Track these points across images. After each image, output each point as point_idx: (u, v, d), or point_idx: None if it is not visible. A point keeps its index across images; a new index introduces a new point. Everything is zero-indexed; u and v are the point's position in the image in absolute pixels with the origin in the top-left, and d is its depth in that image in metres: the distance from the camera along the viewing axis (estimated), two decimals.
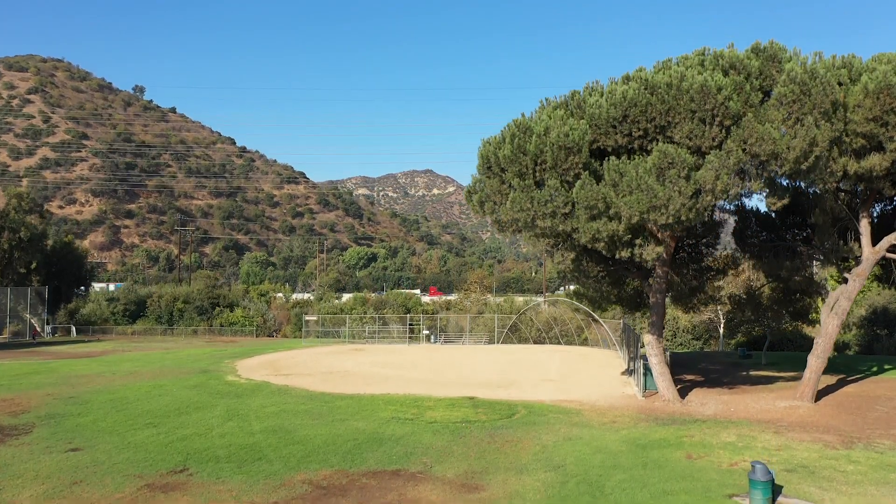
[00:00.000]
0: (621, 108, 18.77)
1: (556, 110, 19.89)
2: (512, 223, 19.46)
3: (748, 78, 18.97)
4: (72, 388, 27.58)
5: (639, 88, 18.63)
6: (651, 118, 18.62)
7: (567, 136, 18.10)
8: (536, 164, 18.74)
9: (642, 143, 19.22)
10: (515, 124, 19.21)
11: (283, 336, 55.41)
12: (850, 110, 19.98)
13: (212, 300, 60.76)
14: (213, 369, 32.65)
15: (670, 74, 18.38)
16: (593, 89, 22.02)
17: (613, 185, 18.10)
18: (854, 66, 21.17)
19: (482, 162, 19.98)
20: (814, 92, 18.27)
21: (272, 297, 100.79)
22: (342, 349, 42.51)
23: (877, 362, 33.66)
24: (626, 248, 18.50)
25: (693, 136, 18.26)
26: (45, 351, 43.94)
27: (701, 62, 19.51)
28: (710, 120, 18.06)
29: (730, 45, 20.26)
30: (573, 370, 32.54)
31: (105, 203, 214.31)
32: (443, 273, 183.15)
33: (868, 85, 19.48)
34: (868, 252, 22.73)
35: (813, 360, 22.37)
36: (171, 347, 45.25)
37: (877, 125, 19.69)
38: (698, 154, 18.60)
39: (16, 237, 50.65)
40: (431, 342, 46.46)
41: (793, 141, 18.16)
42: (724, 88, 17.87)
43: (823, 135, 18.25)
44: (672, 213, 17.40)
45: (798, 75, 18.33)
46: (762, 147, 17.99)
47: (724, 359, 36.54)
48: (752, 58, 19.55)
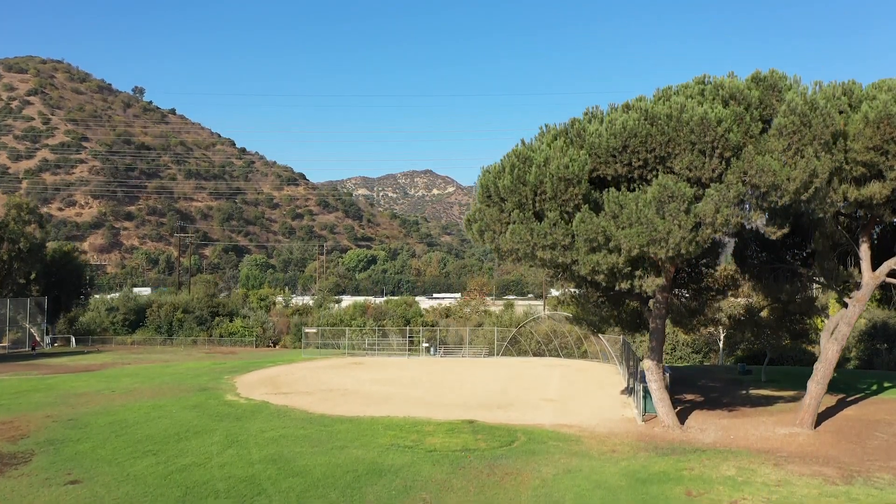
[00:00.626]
0: (621, 139, 18.75)
1: (556, 140, 19.87)
2: (511, 253, 19.47)
3: (748, 108, 18.97)
4: (71, 408, 27.55)
5: (639, 119, 18.61)
6: (651, 149, 18.61)
7: (567, 168, 18.09)
8: (536, 195, 18.73)
9: (642, 173, 19.20)
10: (515, 154, 19.19)
11: (283, 346, 55.41)
12: (850, 139, 19.99)
13: (211, 309, 60.74)
14: (213, 387, 32.62)
15: (670, 105, 18.36)
16: (593, 115, 22.02)
17: (613, 217, 18.09)
18: (854, 93, 21.19)
19: (482, 191, 19.96)
20: (814, 123, 18.27)
21: (272, 301, 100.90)
22: (342, 363, 42.48)
23: (877, 379, 33.67)
24: (626, 280, 18.49)
25: (693, 167, 18.25)
26: (44, 364, 43.92)
27: (701, 91, 19.51)
28: (710, 152, 18.05)
29: (730, 74, 20.26)
30: (573, 388, 32.53)
31: (105, 205, 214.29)
32: (442, 276, 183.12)
33: (868, 114, 19.48)
34: (868, 277, 22.72)
35: (813, 387, 22.36)
36: (171, 360, 45.22)
37: (877, 154, 19.71)
38: (698, 185, 18.60)
39: (15, 248, 50.63)
40: (431, 354, 46.45)
41: (793, 172, 18.15)
42: (724, 120, 17.86)
43: (824, 166, 18.25)
44: (672, 247, 17.38)
45: (798, 106, 18.32)
46: (762, 179, 17.98)
47: (723, 374, 36.54)
48: (752, 87, 19.56)
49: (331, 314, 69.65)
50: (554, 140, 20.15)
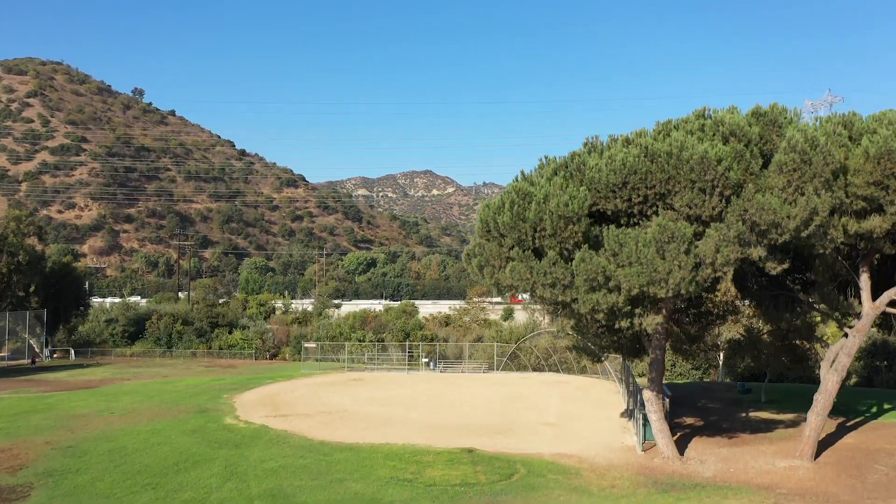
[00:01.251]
0: (621, 175, 18.73)
1: (556, 173, 19.85)
2: (511, 288, 19.45)
3: (748, 145, 18.96)
4: (70, 432, 27.52)
5: (639, 155, 18.59)
6: (651, 186, 18.59)
7: (567, 206, 18.06)
8: (536, 231, 18.70)
9: (642, 209, 19.18)
10: (514, 190, 19.15)
11: (283, 359, 55.37)
12: (850, 173, 19.94)
13: (211, 319, 60.70)
14: (212, 408, 32.58)
15: (670, 143, 18.34)
16: (593, 147, 22.01)
17: (613, 255, 18.06)
18: (854, 125, 21.15)
19: (481, 226, 19.93)
20: (814, 161, 18.25)
21: (272, 306, 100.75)
22: (341, 379, 42.44)
23: (877, 399, 33.61)
24: (626, 319, 18.46)
25: (693, 205, 18.23)
26: (43, 379, 43.88)
27: (701, 127, 19.48)
28: (710, 190, 18.03)
29: (731, 109, 20.25)
30: (572, 410, 32.49)
31: (104, 208, 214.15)
32: (442, 279, 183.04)
33: (869, 149, 19.44)
34: (868, 307, 22.68)
35: (813, 418, 22.33)
36: (170, 375, 45.17)
37: (878, 189, 19.66)
38: (698, 222, 18.58)
39: (14, 260, 50.57)
40: (431, 369, 46.42)
41: (793, 210, 18.13)
42: (725, 159, 17.83)
43: (824, 204, 18.22)
44: (672, 287, 17.36)
45: (798, 144, 18.30)
46: (762, 217, 17.94)
47: (723, 393, 36.49)
48: (752, 123, 19.55)
49: (330, 324, 69.59)
50: (554, 174, 20.13)
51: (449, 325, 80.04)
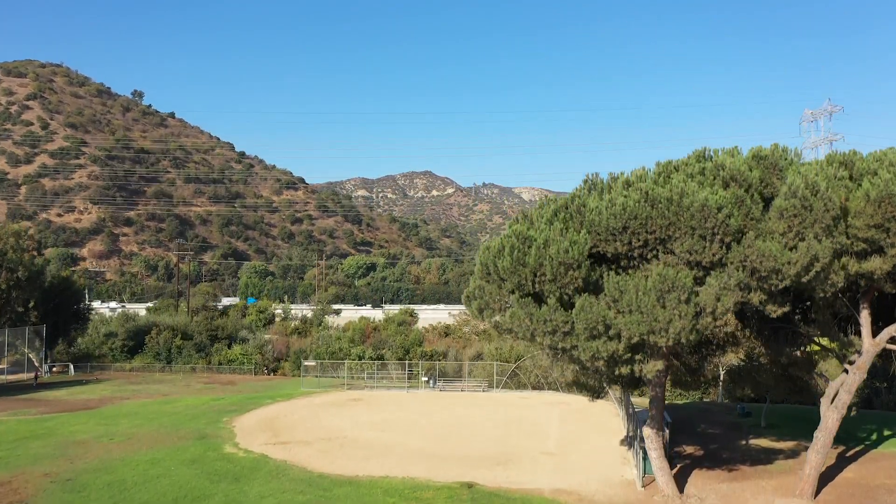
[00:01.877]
0: (621, 220, 18.69)
1: (557, 215, 19.79)
2: (511, 332, 19.40)
3: (748, 190, 18.93)
4: (69, 462, 27.48)
5: (639, 200, 18.54)
6: (651, 231, 18.55)
7: (567, 253, 18.02)
8: (536, 277, 18.65)
9: (643, 252, 19.14)
10: (514, 234, 19.10)
11: (282, 374, 55.31)
12: (851, 214, 19.92)
13: (210, 332, 60.65)
14: (211, 433, 32.51)
15: (671, 188, 18.30)
16: (593, 185, 21.99)
17: (613, 301, 18.03)
18: (855, 165, 21.13)
19: (481, 268, 19.89)
20: (815, 207, 18.22)
21: (271, 313, 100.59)
22: (341, 398, 42.38)
23: (877, 424, 33.59)
24: (626, 366, 18.43)
25: (694, 251, 18.19)
26: (43, 398, 43.80)
27: (701, 171, 19.44)
28: (710, 237, 17.99)
29: (731, 152, 20.23)
30: (572, 435, 32.46)
31: (104, 211, 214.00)
32: (442, 283, 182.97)
33: (870, 192, 19.41)
34: (868, 344, 22.65)
35: (812, 456, 22.29)
36: (170, 394, 45.10)
37: (878, 231, 19.63)
38: (698, 267, 18.54)
39: (14, 276, 50.51)
40: (431, 387, 46.37)
41: (793, 256, 18.10)
42: (725, 207, 17.80)
43: (825, 250, 18.19)
44: (673, 336, 17.33)
45: (799, 189, 18.27)
46: (763, 264, 17.93)
47: (723, 416, 36.47)
48: (753, 167, 19.52)
49: (329, 336, 69.48)
50: (554, 216, 20.09)
51: (449, 335, 79.98)
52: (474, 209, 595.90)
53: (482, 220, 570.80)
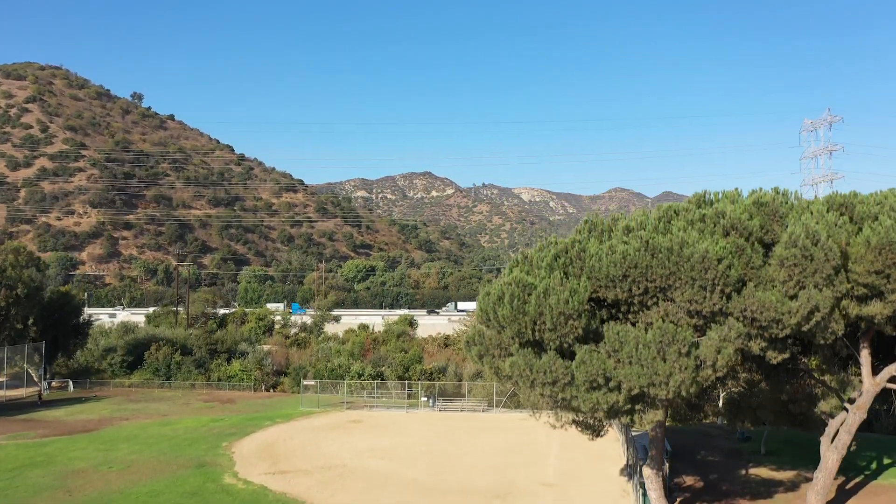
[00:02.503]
0: (622, 268, 18.62)
1: (556, 263, 19.71)
2: (511, 379, 19.35)
3: (749, 238, 18.90)
4: (69, 495, 27.43)
5: (640, 249, 18.48)
6: (652, 280, 18.48)
7: (567, 304, 17.95)
8: (535, 325, 18.57)
9: (643, 300, 19.08)
10: (514, 281, 19.02)
11: (282, 391, 55.22)
12: (852, 260, 19.86)
13: (210, 346, 60.55)
14: (211, 461, 32.44)
15: (671, 238, 18.24)
16: (593, 226, 21.96)
17: (614, 351, 17.98)
18: (856, 208, 21.10)
19: (481, 315, 19.82)
20: (816, 257, 18.17)
21: (271, 320, 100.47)
22: (340, 420, 42.31)
23: (877, 451, 33.55)
24: (626, 416, 18.38)
25: (694, 300, 18.13)
26: (42, 419, 43.71)
27: (702, 217, 19.39)
28: (710, 287, 17.92)
29: (732, 198, 20.20)
30: (571, 464, 32.42)
31: (103, 214, 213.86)
32: (441, 288, 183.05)
33: (870, 239, 19.35)
34: (868, 384, 22.62)
35: (812, 497, 22.27)
36: (169, 414, 44.99)
37: (879, 277, 19.56)
38: (699, 316, 18.50)
39: (13, 294, 50.42)
40: (430, 406, 46.29)
41: (794, 305, 18.07)
42: (725, 258, 17.75)
43: (825, 301, 18.16)
44: (673, 389, 17.29)
45: (800, 239, 18.22)
46: (763, 314, 17.90)
47: (723, 442, 36.42)
48: (753, 214, 19.48)
49: (328, 349, 69.42)
50: (554, 260, 20.02)
51: (448, 346, 79.91)
52: (474, 210, 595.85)
53: (482, 220, 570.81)
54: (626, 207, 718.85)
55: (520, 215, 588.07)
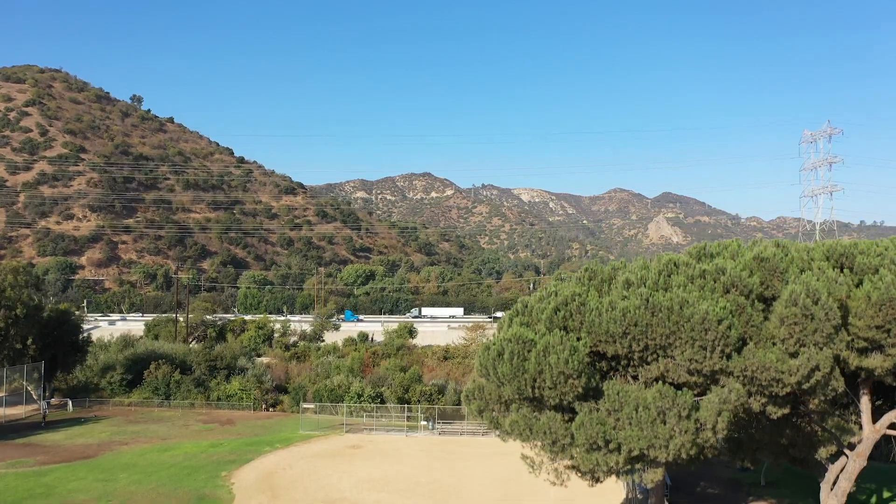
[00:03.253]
0: (622, 326, 18.62)
1: (556, 316, 19.68)
2: (510, 435, 19.34)
3: (749, 296, 18.87)
4: None
5: (640, 307, 18.47)
6: (652, 338, 18.48)
7: (567, 364, 17.93)
8: (535, 383, 18.57)
9: (643, 356, 19.07)
10: (514, 338, 19.00)
11: (282, 410, 55.13)
12: (852, 314, 19.85)
13: (209, 363, 60.43)
14: (210, 493, 32.42)
15: (671, 298, 18.22)
16: (593, 274, 21.93)
17: (614, 411, 17.97)
18: (856, 259, 21.06)
19: (481, 369, 19.80)
20: (816, 315, 18.17)
21: (270, 329, 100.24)
22: (340, 446, 42.26)
23: (877, 482, 33.54)
24: (626, 475, 18.34)
25: (694, 360, 18.13)
26: (41, 443, 43.60)
27: (702, 274, 19.36)
28: (711, 348, 17.92)
29: (732, 253, 20.14)
30: (572, 496, 32.36)
31: (103, 218, 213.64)
32: (440, 293, 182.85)
33: (871, 294, 19.35)
34: (868, 431, 22.61)
35: None
36: (168, 437, 44.88)
37: (879, 332, 19.58)
38: (699, 374, 18.49)
39: (12, 314, 50.36)
40: (430, 429, 46.25)
41: (794, 364, 18.07)
42: (725, 319, 17.73)
43: (826, 360, 18.15)
44: (673, 451, 17.27)
45: (801, 298, 18.21)
46: (764, 375, 17.90)
47: (722, 471, 36.37)
48: (754, 270, 19.47)
49: (328, 364, 69.32)
50: (554, 313, 19.99)
51: (448, 359, 79.85)
52: (473, 211, 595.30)
53: (481, 222, 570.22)
54: (625, 208, 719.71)
55: (519, 216, 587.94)
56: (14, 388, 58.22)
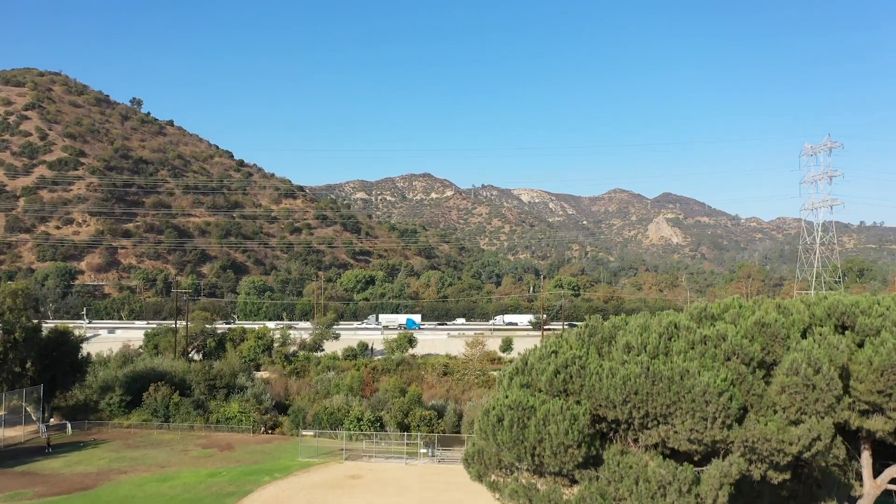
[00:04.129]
0: (622, 393, 18.50)
1: (556, 380, 19.56)
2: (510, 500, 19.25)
3: (750, 363, 18.77)
4: None
5: (640, 375, 18.34)
6: (653, 406, 18.36)
7: (567, 434, 17.84)
8: (535, 451, 18.46)
9: (644, 422, 18.95)
10: (513, 405, 18.88)
11: (281, 433, 55.03)
12: (853, 378, 19.75)
13: (209, 382, 60.36)
14: None
15: (672, 367, 18.12)
16: (594, 331, 21.83)
17: (614, 481, 17.87)
18: (858, 320, 20.95)
19: (480, 433, 19.69)
20: (818, 385, 18.06)
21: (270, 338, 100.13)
22: (339, 476, 42.16)
23: None
24: None
25: (695, 430, 18.01)
26: (41, 472, 43.50)
27: (703, 339, 19.23)
28: (711, 419, 17.80)
29: (733, 317, 20.04)
30: None
31: (102, 223, 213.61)
32: (440, 299, 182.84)
33: (873, 359, 19.23)
34: (869, 486, 22.50)
35: None
36: (168, 465, 44.76)
37: (881, 396, 19.47)
38: (699, 443, 18.39)
39: (10, 338, 50.30)
40: (430, 456, 46.20)
41: (795, 433, 17.96)
42: (726, 391, 17.62)
43: (827, 431, 18.05)
44: None
45: (802, 368, 18.11)
46: (765, 446, 17.79)
47: None
48: (755, 337, 19.37)
49: (327, 380, 69.31)
50: (554, 375, 19.87)
51: (447, 374, 79.91)
52: (473, 212, 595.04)
53: (481, 223, 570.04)
54: (625, 209, 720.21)
55: (519, 217, 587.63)
56: (13, 406, 58.10)
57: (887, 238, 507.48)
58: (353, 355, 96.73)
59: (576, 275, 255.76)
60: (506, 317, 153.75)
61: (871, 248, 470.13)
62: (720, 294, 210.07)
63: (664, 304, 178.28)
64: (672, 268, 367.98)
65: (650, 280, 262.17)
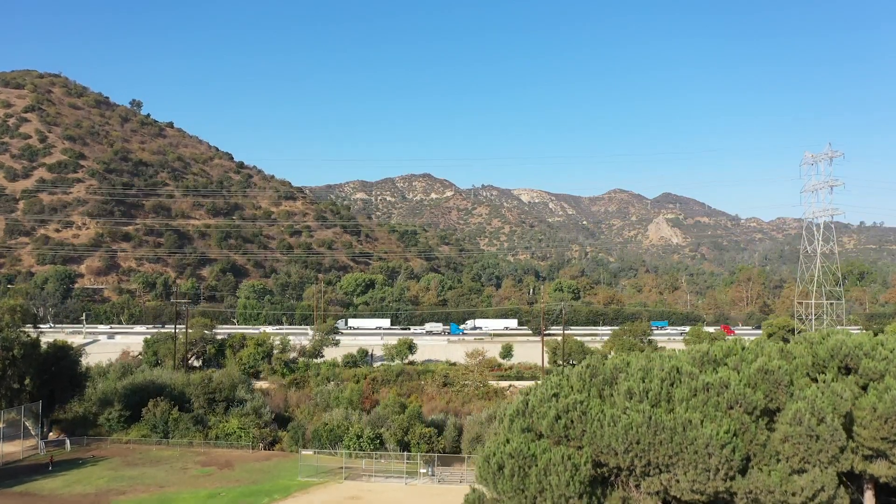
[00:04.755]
0: (623, 442, 18.38)
1: (558, 421, 19.40)
2: None
3: (752, 412, 18.62)
4: None
5: (642, 424, 18.23)
6: (655, 455, 18.23)
7: (567, 486, 17.69)
8: (536, 500, 18.31)
9: (646, 470, 18.83)
10: (514, 453, 18.73)
11: (280, 449, 54.82)
12: (857, 423, 19.64)
13: (208, 396, 60.11)
14: None
15: (674, 418, 17.98)
16: (595, 372, 21.66)
17: None
18: (861, 364, 20.80)
19: (481, 480, 19.54)
20: (821, 436, 17.94)
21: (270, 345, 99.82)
22: (339, 497, 41.96)
23: None
24: None
25: (697, 481, 17.89)
26: (39, 492, 43.29)
27: (705, 387, 19.08)
28: (714, 471, 17.68)
29: (735, 361, 19.86)
30: None
31: (102, 226, 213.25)
32: (440, 304, 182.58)
33: (877, 406, 19.14)
34: None
35: None
36: (166, 485, 44.51)
37: (885, 443, 19.38)
38: (701, 494, 18.23)
39: (9, 355, 50.11)
40: (430, 476, 46.01)
41: (798, 484, 17.83)
42: (729, 444, 17.47)
43: (831, 481, 17.93)
44: None
45: (805, 418, 17.97)
46: (768, 497, 17.65)
47: None
48: (758, 384, 19.21)
49: (327, 392, 69.08)
50: (556, 420, 19.73)
51: (447, 385, 79.69)
52: (473, 212, 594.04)
53: (481, 223, 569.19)
54: (625, 209, 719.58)
55: (519, 217, 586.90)
56: (11, 420, 57.84)
57: (887, 238, 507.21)
58: (354, 362, 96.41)
59: (576, 277, 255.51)
60: (476, 321, 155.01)
61: (871, 249, 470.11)
62: (720, 297, 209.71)
63: (664, 309, 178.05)
64: (672, 268, 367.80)
65: (650, 282, 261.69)
